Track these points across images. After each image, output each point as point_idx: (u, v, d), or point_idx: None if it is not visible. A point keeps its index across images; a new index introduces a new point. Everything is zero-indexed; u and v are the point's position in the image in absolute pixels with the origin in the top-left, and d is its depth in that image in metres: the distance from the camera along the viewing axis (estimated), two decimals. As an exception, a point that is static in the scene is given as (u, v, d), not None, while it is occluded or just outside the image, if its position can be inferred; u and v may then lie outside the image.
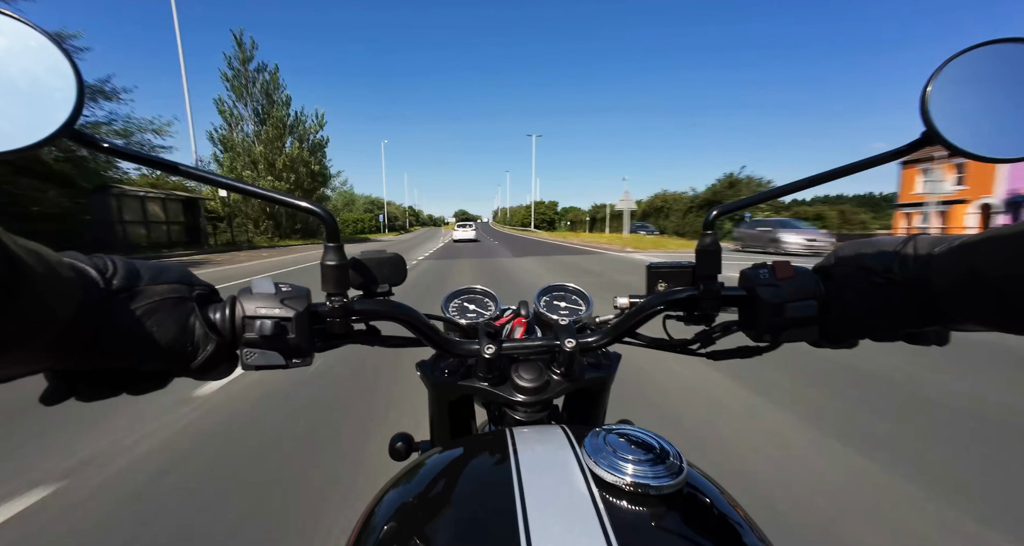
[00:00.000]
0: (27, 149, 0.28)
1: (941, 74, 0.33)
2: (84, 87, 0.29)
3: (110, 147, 0.33)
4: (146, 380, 0.36)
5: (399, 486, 0.37)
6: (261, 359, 0.38)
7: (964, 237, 0.34)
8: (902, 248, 0.38)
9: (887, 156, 0.38)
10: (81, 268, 0.30)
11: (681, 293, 0.45)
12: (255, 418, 2.25)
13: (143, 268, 0.34)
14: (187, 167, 0.36)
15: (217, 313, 0.37)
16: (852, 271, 0.41)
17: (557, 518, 0.28)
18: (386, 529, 0.32)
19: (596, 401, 0.56)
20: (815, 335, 0.43)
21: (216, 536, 1.39)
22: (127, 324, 0.32)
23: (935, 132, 0.34)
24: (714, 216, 0.43)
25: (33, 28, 0.28)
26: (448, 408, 0.55)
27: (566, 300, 0.63)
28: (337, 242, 0.39)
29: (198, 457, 1.87)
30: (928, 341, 0.41)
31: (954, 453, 1.85)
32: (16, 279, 0.22)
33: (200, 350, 0.35)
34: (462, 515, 0.31)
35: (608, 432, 0.35)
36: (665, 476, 0.30)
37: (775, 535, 0.33)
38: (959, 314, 0.34)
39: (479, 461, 0.38)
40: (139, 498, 1.58)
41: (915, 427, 2.09)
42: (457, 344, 0.47)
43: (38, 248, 0.25)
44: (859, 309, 0.40)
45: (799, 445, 1.92)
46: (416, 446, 0.62)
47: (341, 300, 0.40)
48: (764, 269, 0.43)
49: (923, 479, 1.66)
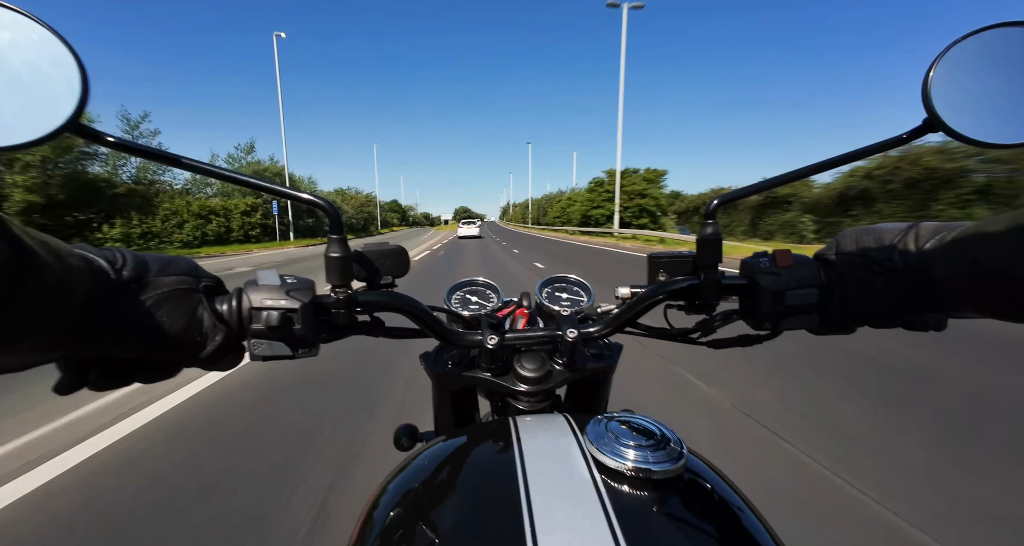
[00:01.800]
0: (32, 144, 0.29)
1: (943, 60, 0.33)
2: (88, 81, 0.29)
3: (114, 141, 0.33)
4: (155, 370, 0.37)
5: (404, 474, 0.37)
6: (268, 350, 0.38)
7: (966, 225, 0.34)
8: (903, 236, 0.38)
9: (889, 143, 0.37)
10: (91, 259, 0.31)
11: (682, 282, 0.45)
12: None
13: (151, 260, 0.35)
14: (190, 160, 0.36)
15: (224, 304, 0.38)
16: (852, 259, 0.41)
17: (560, 503, 0.28)
18: (391, 516, 0.33)
19: (598, 391, 0.56)
20: (815, 322, 0.43)
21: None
22: (137, 314, 0.32)
23: (937, 119, 0.33)
24: (715, 205, 0.43)
25: (36, 22, 0.28)
26: (452, 398, 0.55)
27: (568, 291, 0.63)
28: (341, 234, 0.39)
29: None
30: (927, 327, 0.41)
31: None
32: (27, 269, 0.23)
33: (209, 340, 0.36)
34: (467, 502, 0.32)
35: (610, 419, 0.35)
36: (666, 461, 0.31)
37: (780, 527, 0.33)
38: (959, 303, 0.34)
39: (483, 449, 0.39)
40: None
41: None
42: (460, 335, 0.47)
43: (48, 239, 0.26)
44: (859, 297, 0.40)
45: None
46: (420, 436, 0.63)
47: (345, 292, 0.41)
48: (765, 258, 0.43)
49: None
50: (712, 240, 0.43)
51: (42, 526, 1.46)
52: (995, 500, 1.50)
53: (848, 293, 0.41)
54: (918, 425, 2.01)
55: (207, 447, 1.96)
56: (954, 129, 0.33)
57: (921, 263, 0.36)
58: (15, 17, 0.28)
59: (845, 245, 0.42)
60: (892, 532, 1.37)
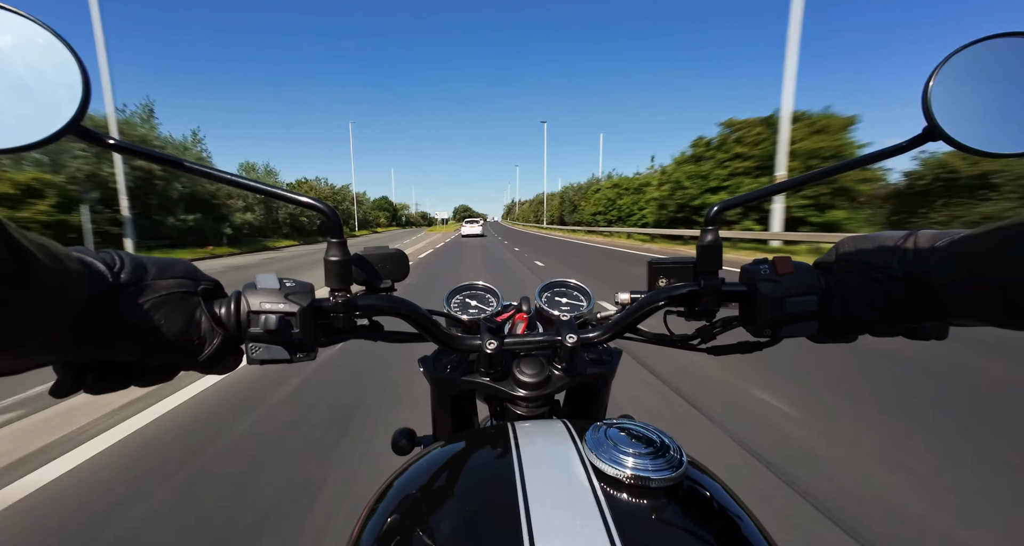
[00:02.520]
0: (34, 146, 0.29)
1: (943, 69, 0.33)
2: (90, 84, 0.29)
3: (115, 143, 0.33)
4: (153, 373, 0.37)
5: (402, 479, 0.37)
6: (266, 353, 0.38)
7: (965, 232, 0.34)
8: (902, 243, 0.38)
9: (889, 151, 0.38)
10: (89, 262, 0.31)
11: (682, 289, 0.45)
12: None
13: (149, 263, 0.35)
14: (191, 163, 0.36)
15: (223, 308, 0.38)
16: (852, 266, 0.41)
17: (559, 510, 0.28)
18: (389, 521, 0.32)
19: (597, 396, 0.56)
20: (815, 330, 0.43)
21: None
22: (135, 317, 0.32)
23: (937, 128, 0.34)
24: (716, 211, 0.43)
25: (39, 25, 0.28)
26: (450, 403, 0.55)
27: (567, 296, 0.63)
28: (340, 238, 0.39)
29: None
30: (927, 336, 0.41)
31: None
32: (25, 270, 0.23)
33: (207, 344, 0.36)
34: (465, 507, 0.32)
35: (609, 426, 0.35)
36: (665, 469, 0.30)
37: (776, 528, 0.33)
38: (959, 310, 0.34)
39: (481, 454, 0.38)
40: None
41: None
42: (459, 339, 0.47)
43: (46, 242, 0.26)
44: (859, 304, 0.40)
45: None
46: (418, 441, 0.63)
47: (344, 295, 0.40)
48: (765, 265, 0.43)
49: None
50: (712, 246, 0.43)
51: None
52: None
53: (848, 300, 0.41)
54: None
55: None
56: (954, 138, 0.33)
57: (919, 269, 0.36)
58: (19, 21, 0.28)
59: (844, 252, 0.42)
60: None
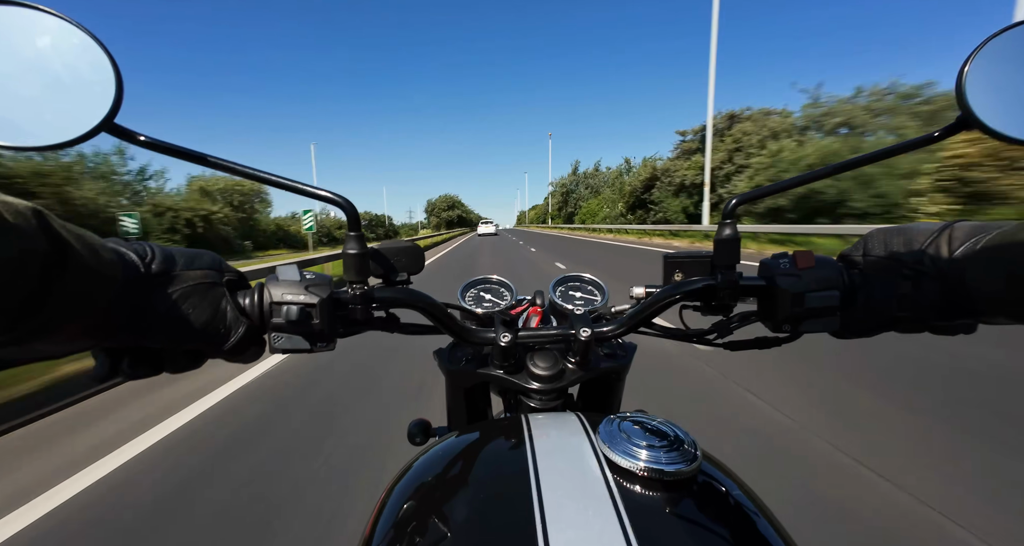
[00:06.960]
0: (71, 143, 0.30)
1: (977, 56, 0.32)
2: (123, 84, 0.30)
3: (146, 140, 0.35)
4: (182, 360, 0.38)
5: (417, 467, 0.38)
6: (288, 343, 0.39)
7: (1005, 227, 0.32)
8: (936, 238, 0.36)
9: (920, 141, 0.36)
10: (122, 252, 0.32)
11: (698, 283, 0.44)
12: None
13: (178, 254, 0.36)
14: (215, 158, 0.38)
15: (247, 298, 0.39)
16: (880, 261, 0.40)
17: (572, 501, 0.28)
18: (404, 509, 0.33)
19: (611, 390, 0.56)
20: (836, 326, 0.42)
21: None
22: (165, 305, 0.33)
23: (972, 116, 0.32)
24: (734, 205, 0.42)
25: (75, 26, 0.30)
26: (464, 395, 0.56)
27: (582, 291, 0.63)
28: (358, 231, 0.40)
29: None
30: (955, 332, 0.40)
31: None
32: (63, 258, 0.24)
33: (232, 333, 0.37)
34: (478, 497, 0.32)
35: (622, 419, 0.35)
36: (679, 462, 0.30)
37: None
38: (993, 309, 0.33)
39: (495, 445, 0.39)
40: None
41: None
42: (474, 332, 0.48)
43: (83, 232, 0.27)
44: (885, 301, 0.39)
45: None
46: (433, 432, 0.64)
47: (362, 288, 0.41)
48: (784, 258, 0.42)
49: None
50: (730, 240, 0.42)
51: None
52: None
53: (873, 296, 0.39)
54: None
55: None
56: (989, 126, 0.32)
57: (953, 268, 0.34)
58: (56, 22, 0.29)
59: (873, 246, 0.41)
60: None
